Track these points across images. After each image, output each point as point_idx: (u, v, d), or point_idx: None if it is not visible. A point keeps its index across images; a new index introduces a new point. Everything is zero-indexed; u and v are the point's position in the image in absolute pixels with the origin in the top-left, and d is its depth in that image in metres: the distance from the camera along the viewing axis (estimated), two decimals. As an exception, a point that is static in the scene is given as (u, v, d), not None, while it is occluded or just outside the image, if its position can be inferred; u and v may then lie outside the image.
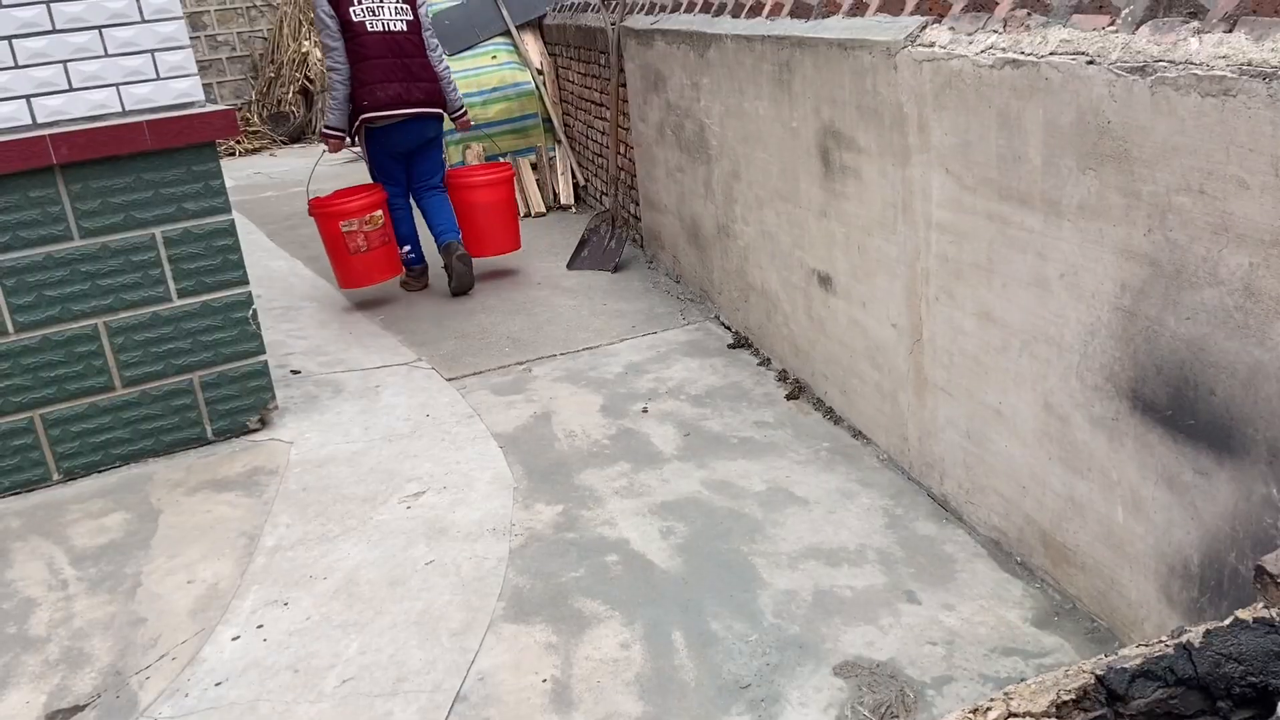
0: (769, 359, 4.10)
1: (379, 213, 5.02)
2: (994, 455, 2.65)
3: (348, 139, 5.08)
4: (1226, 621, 1.32)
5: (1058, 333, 2.30)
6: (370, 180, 5.29)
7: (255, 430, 3.81)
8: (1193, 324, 1.91)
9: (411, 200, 5.36)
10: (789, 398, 3.76)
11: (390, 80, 4.87)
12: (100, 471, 3.58)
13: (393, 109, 4.89)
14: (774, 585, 2.66)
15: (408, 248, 5.31)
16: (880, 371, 3.17)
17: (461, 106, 5.29)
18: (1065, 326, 2.27)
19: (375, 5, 4.85)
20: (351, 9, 4.81)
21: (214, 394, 3.70)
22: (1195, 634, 1.29)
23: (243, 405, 3.77)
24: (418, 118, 5.01)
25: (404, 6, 4.95)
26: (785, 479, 3.19)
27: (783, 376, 3.93)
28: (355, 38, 4.82)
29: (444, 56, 5.17)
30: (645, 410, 3.77)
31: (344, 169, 8.14)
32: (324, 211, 5.00)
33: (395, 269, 5.22)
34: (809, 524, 2.93)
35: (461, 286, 5.26)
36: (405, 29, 4.93)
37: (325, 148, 5.17)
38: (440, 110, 5.10)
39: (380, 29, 4.85)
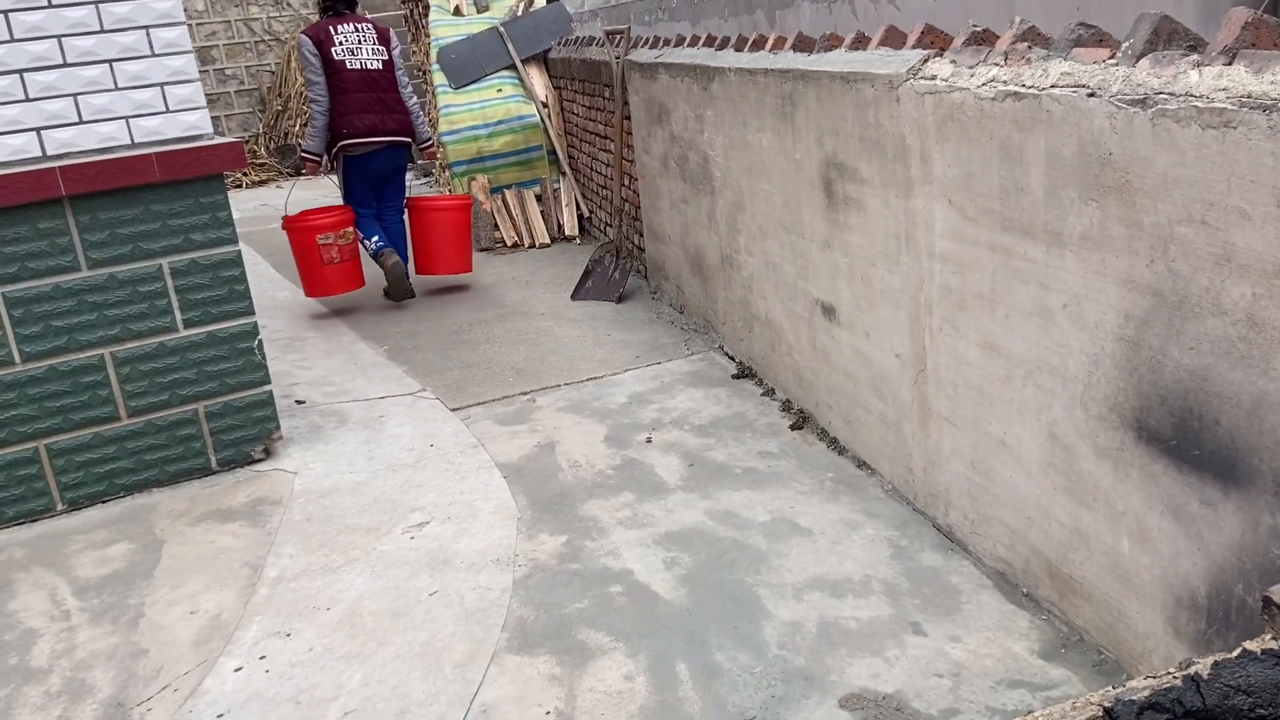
0: (773, 389, 4.10)
1: (350, 229, 5.57)
2: (999, 486, 2.64)
3: (324, 163, 5.63)
4: (1234, 653, 1.31)
5: (1061, 363, 2.31)
6: (336, 200, 5.86)
7: (259, 460, 3.81)
8: (1196, 354, 1.92)
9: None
10: (793, 428, 3.76)
11: (368, 111, 5.48)
12: (104, 502, 3.58)
13: (370, 136, 5.50)
14: (779, 616, 2.64)
15: (376, 237, 5.73)
16: (884, 402, 3.17)
17: (429, 138, 5.88)
18: (1069, 357, 2.28)
19: (355, 46, 5.49)
20: (333, 49, 5.43)
21: (219, 424, 3.71)
22: (1203, 666, 1.29)
23: (247, 435, 3.77)
24: (392, 145, 5.62)
25: (380, 48, 5.58)
26: (790, 509, 3.18)
27: (787, 407, 3.93)
28: (336, 74, 5.43)
29: (414, 94, 5.79)
30: (649, 440, 3.77)
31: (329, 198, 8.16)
32: (302, 226, 5.48)
33: (359, 281, 5.71)
34: (814, 555, 2.92)
35: (396, 288, 5.78)
36: (381, 67, 5.56)
37: (304, 170, 5.69)
38: (410, 140, 5.70)
39: (359, 67, 5.48)
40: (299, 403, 4.38)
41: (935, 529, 2.98)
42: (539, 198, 7.33)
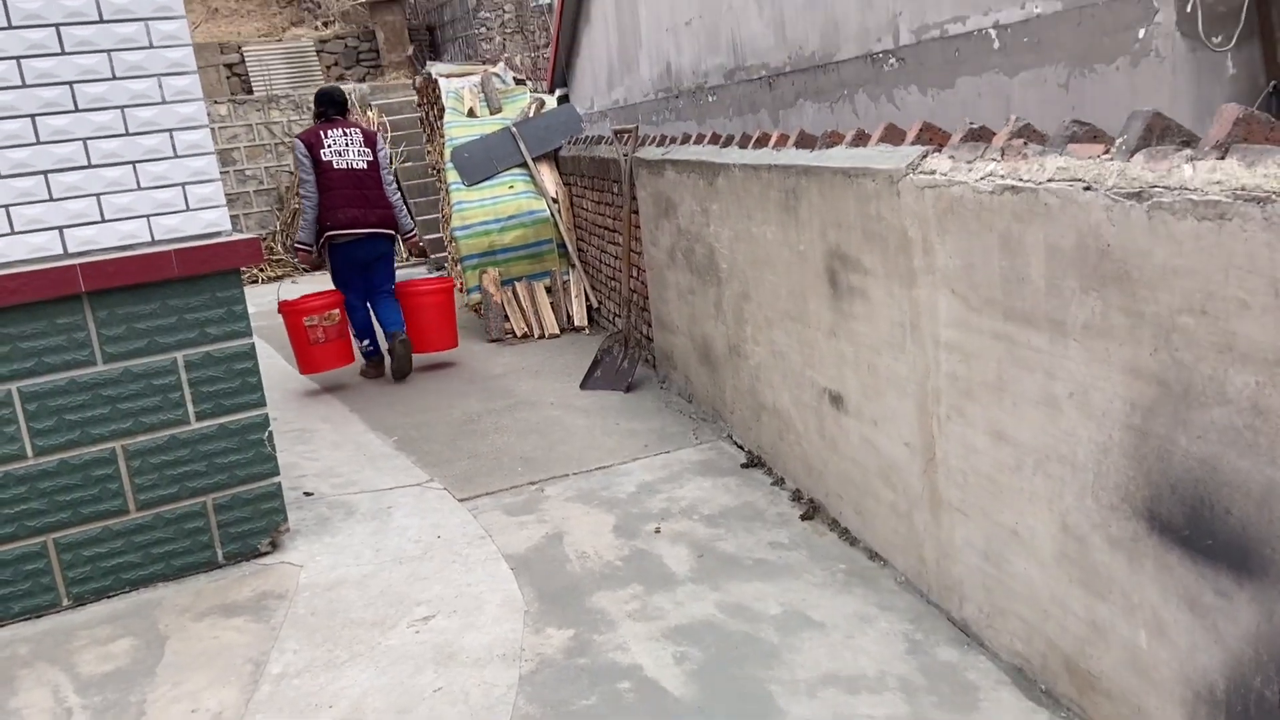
0: (782, 478, 4.08)
1: (336, 311, 6.13)
2: (1013, 577, 2.61)
3: (314, 252, 6.23)
4: (1256, 750, 1.28)
5: (1070, 451, 2.30)
6: (331, 288, 6.39)
7: (266, 553, 3.79)
8: (1204, 443, 1.91)
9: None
10: (804, 518, 3.73)
11: (351, 206, 6.08)
12: (110, 597, 3.56)
13: (352, 228, 6.09)
14: (792, 714, 2.58)
15: (366, 341, 6.36)
16: (895, 491, 3.15)
17: (412, 229, 6.45)
18: (1077, 445, 2.27)
19: (342, 149, 6.14)
20: (322, 151, 6.08)
21: (227, 516, 3.70)
22: (1224, 763, 1.25)
23: (255, 528, 3.76)
24: (372, 236, 6.19)
25: (365, 150, 6.20)
26: (801, 602, 3.14)
27: (797, 496, 3.91)
28: (325, 173, 6.06)
29: (398, 190, 6.37)
30: (658, 531, 3.74)
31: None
32: (292, 309, 6.06)
33: (347, 359, 6.27)
34: (827, 649, 2.86)
35: (400, 366, 6.25)
36: (366, 167, 6.17)
37: (297, 258, 6.27)
38: (392, 231, 6.27)
39: (345, 166, 6.11)
40: (307, 494, 4.38)
41: (950, 622, 2.93)
42: (549, 289, 7.43)
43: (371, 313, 6.40)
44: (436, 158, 9.66)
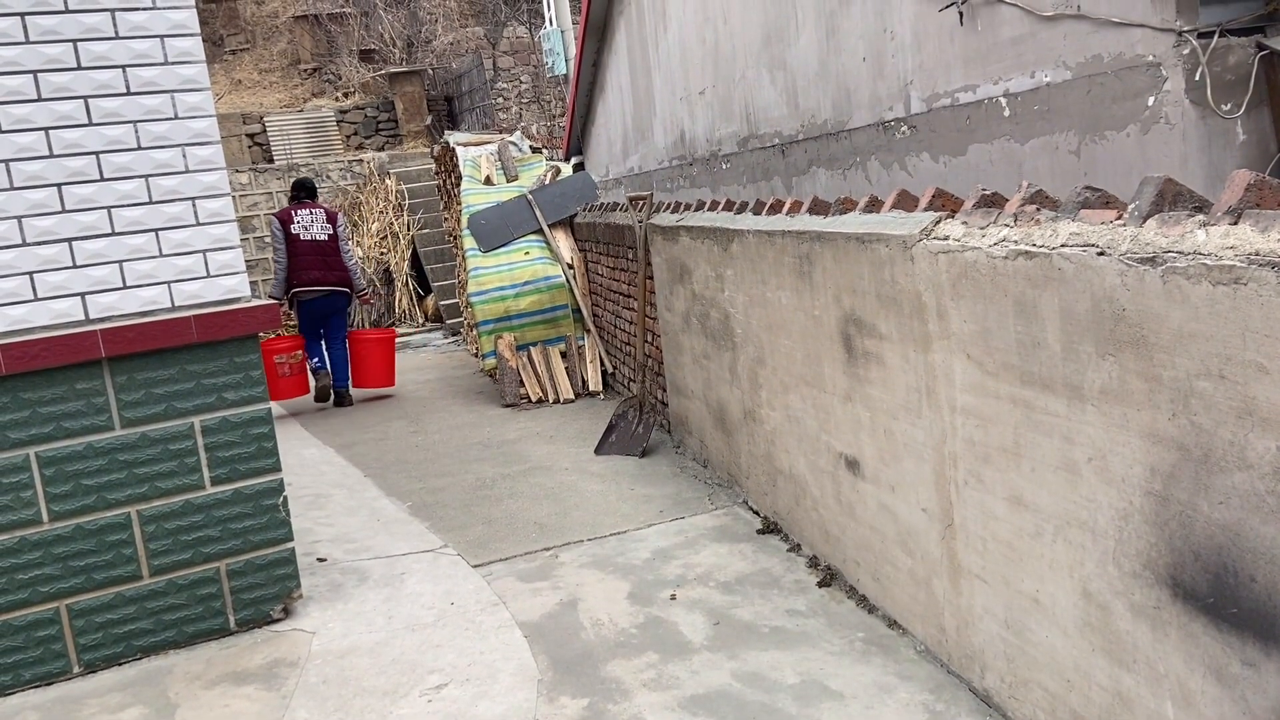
0: (799, 544, 4.04)
1: (299, 352, 7.71)
2: (1035, 646, 2.56)
3: (284, 306, 7.65)
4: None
5: (1090, 517, 2.27)
6: (298, 334, 7.96)
7: (278, 620, 3.76)
8: (1226, 509, 1.89)
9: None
10: (820, 585, 3.68)
11: (313, 269, 7.70)
12: (121, 664, 3.53)
13: (313, 286, 7.71)
14: (810, 788, 2.52)
15: (316, 359, 7.87)
16: (913, 558, 3.11)
17: (364, 287, 8.13)
18: (1098, 511, 2.25)
19: (308, 224, 7.75)
20: (292, 226, 7.69)
21: (239, 582, 3.68)
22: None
23: (267, 594, 3.74)
24: (331, 293, 7.80)
25: (327, 225, 7.83)
26: (819, 671, 3.08)
27: (813, 563, 3.86)
28: (293, 243, 7.69)
29: (354, 255, 8.07)
30: (673, 598, 3.70)
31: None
32: (265, 350, 7.17)
33: (306, 389, 7.79)
34: (845, 720, 2.81)
35: (339, 403, 7.97)
36: (326, 238, 7.80)
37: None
38: (348, 289, 7.87)
39: (310, 238, 7.73)
40: (320, 560, 4.35)
41: (971, 692, 2.87)
42: (564, 354, 7.46)
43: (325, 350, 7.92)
44: (453, 225, 9.80)
